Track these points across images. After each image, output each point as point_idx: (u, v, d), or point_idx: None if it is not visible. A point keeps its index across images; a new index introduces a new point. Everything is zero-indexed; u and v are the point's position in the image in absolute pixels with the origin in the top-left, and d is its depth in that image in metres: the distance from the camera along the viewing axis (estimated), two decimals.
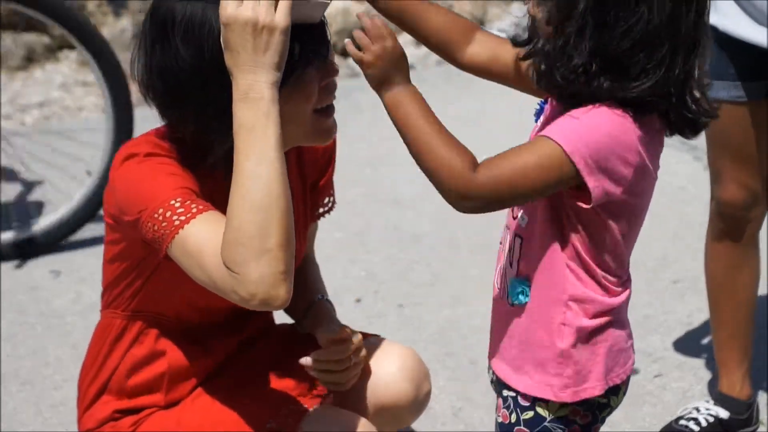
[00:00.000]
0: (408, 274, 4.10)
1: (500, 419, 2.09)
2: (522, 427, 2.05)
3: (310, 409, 2.33)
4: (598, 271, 1.97)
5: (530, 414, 2.04)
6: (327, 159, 2.45)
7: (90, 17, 6.56)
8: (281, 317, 2.54)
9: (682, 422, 3.12)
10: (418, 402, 2.51)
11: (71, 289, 4.03)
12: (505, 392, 2.07)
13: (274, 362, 2.43)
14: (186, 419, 2.31)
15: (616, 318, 2.02)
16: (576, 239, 1.94)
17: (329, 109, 2.16)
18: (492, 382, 2.12)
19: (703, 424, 3.10)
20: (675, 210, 4.47)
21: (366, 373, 2.44)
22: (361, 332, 2.43)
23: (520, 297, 2.01)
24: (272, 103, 1.93)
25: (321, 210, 2.49)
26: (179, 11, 2.04)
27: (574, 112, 1.87)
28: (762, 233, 3.13)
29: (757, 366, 3.32)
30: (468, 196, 1.87)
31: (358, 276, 4.05)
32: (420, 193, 4.66)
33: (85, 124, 5.46)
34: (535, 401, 2.03)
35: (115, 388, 2.35)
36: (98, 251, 4.25)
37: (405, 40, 6.70)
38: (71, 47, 6.52)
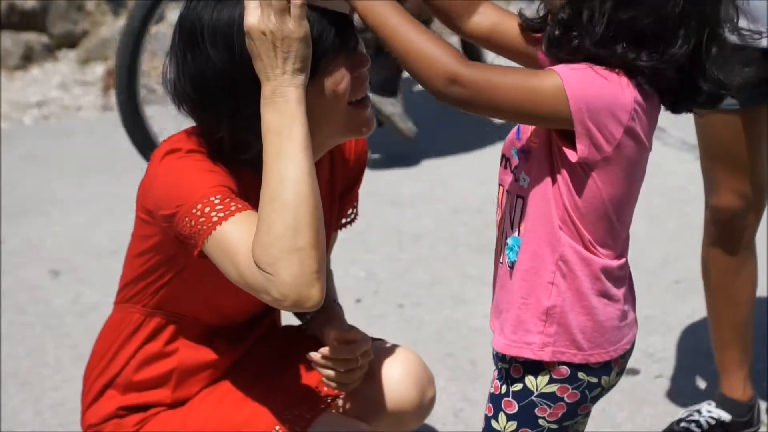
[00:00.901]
0: (408, 274, 4.09)
1: (492, 390, 2.10)
2: (510, 399, 2.05)
3: (318, 416, 2.32)
4: (586, 235, 1.96)
5: (519, 386, 2.04)
6: (357, 169, 2.44)
7: (89, 16, 6.55)
8: (288, 318, 2.53)
9: (683, 424, 3.12)
10: (423, 407, 2.50)
11: (71, 290, 4.02)
12: (500, 364, 2.08)
13: (281, 365, 2.42)
14: (192, 420, 2.31)
15: (608, 291, 2.00)
16: (567, 199, 1.94)
17: (365, 101, 2.15)
18: (493, 355, 2.11)
19: (705, 426, 3.09)
20: (675, 210, 4.47)
21: (370, 377, 2.43)
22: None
23: (510, 254, 2.02)
24: (298, 105, 1.95)
25: (344, 220, 2.48)
26: (206, 17, 2.07)
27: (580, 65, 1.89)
28: (762, 235, 3.12)
29: (758, 367, 3.31)
30: (457, 81, 1.84)
31: (358, 276, 4.05)
32: (420, 193, 4.65)
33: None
34: (525, 374, 2.03)
35: (122, 382, 2.34)
36: (97, 251, 4.26)
37: None
38: (70, 46, 6.51)
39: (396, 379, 2.44)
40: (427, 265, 4.15)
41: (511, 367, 2.06)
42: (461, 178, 4.73)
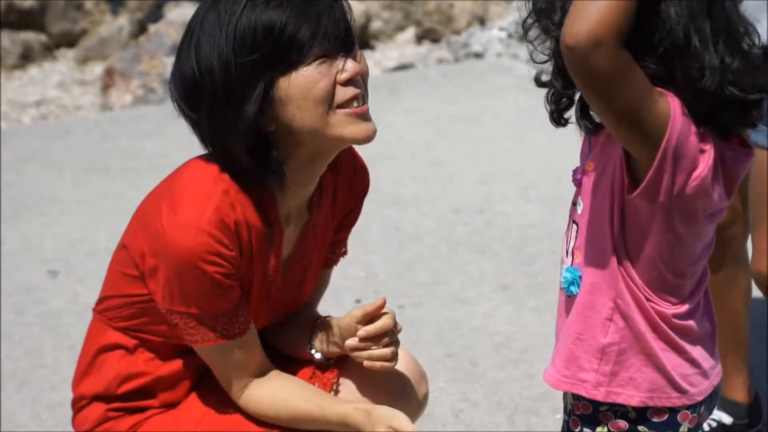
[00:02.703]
0: (408, 274, 4.08)
1: None
2: None
3: None
4: (637, 278, 1.87)
5: None
6: (355, 202, 2.40)
7: (88, 16, 6.55)
8: None
9: None
10: (416, 404, 2.48)
11: (69, 290, 4.01)
12: (563, 416, 2.00)
13: (274, 363, 2.41)
14: (184, 421, 2.30)
15: (669, 338, 1.89)
16: (617, 235, 1.87)
17: (354, 104, 2.12)
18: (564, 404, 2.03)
19: (706, 428, 3.09)
20: None
21: (361, 374, 2.41)
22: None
23: (572, 288, 1.92)
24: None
25: (334, 257, 2.45)
26: (198, 18, 2.11)
27: None
28: None
29: (759, 367, 3.30)
30: (602, 47, 1.70)
31: (358, 276, 4.04)
32: (420, 193, 4.64)
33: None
34: (582, 427, 1.94)
35: (107, 396, 2.34)
36: (96, 251, 4.25)
37: (406, 37, 6.70)
38: (69, 45, 6.50)
39: (387, 376, 2.42)
40: (428, 265, 4.13)
41: (570, 420, 1.96)
42: (461, 178, 4.72)
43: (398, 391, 2.43)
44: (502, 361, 3.55)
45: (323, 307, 2.52)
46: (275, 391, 2.24)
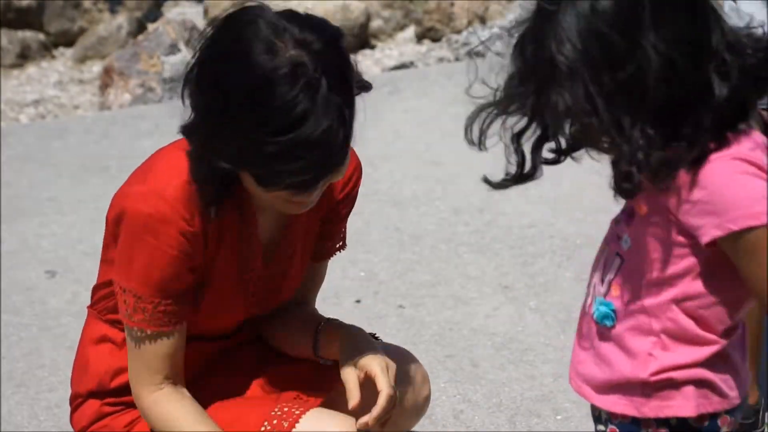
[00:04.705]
0: (408, 274, 4.07)
1: None
2: None
3: (307, 411, 2.29)
4: (692, 313, 1.87)
5: None
6: (344, 197, 2.39)
7: (86, 14, 6.53)
8: None
9: None
10: (417, 407, 2.47)
11: (67, 290, 3.99)
12: (598, 426, 1.98)
13: (271, 363, 2.41)
14: None
15: (715, 354, 1.89)
16: (680, 281, 1.85)
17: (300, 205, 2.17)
18: (593, 414, 2.01)
19: None
20: None
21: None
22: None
23: (606, 321, 1.91)
24: None
25: (327, 249, 2.44)
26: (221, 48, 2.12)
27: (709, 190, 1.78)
28: None
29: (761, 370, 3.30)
30: None
31: (358, 276, 4.02)
32: (420, 193, 4.63)
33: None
34: None
35: (101, 390, 2.34)
36: (95, 251, 4.22)
37: (406, 36, 6.68)
38: (67, 44, 6.49)
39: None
40: (428, 266, 4.12)
41: (607, 430, 1.95)
42: (461, 178, 4.70)
43: (399, 392, 2.42)
44: (503, 361, 3.53)
45: (323, 308, 2.50)
46: (187, 409, 2.23)
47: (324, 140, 2.02)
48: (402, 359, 2.45)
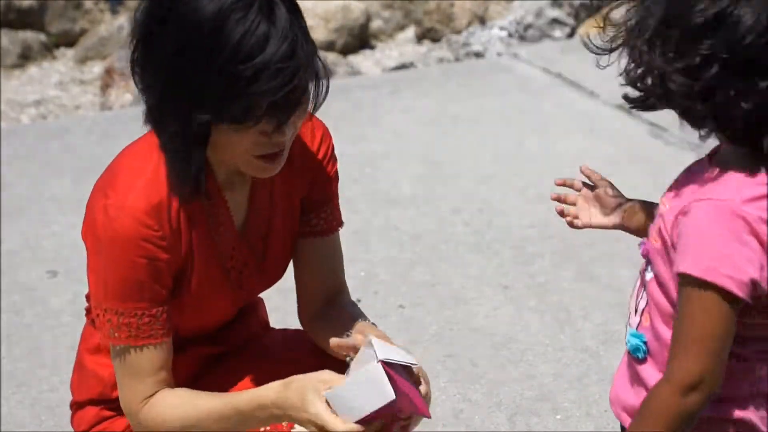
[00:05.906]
0: (408, 274, 4.07)
1: None
2: None
3: None
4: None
5: None
6: (323, 157, 2.38)
7: (87, 15, 6.53)
8: (277, 320, 2.51)
9: None
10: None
11: (68, 290, 3.99)
12: None
13: (270, 362, 2.40)
14: None
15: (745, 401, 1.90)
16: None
17: (270, 157, 2.14)
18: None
19: None
20: None
21: None
22: (359, 334, 2.36)
23: (638, 354, 1.93)
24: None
25: (321, 224, 2.42)
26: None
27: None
28: None
29: None
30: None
31: (358, 276, 4.02)
32: (420, 192, 4.63)
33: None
34: None
35: (102, 399, 2.35)
36: None
37: (406, 36, 6.69)
38: (68, 45, 6.49)
39: None
40: (428, 265, 4.12)
41: None
42: (461, 178, 4.71)
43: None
44: (503, 361, 3.54)
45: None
46: (181, 395, 2.21)
47: (291, 53, 2.02)
48: None
